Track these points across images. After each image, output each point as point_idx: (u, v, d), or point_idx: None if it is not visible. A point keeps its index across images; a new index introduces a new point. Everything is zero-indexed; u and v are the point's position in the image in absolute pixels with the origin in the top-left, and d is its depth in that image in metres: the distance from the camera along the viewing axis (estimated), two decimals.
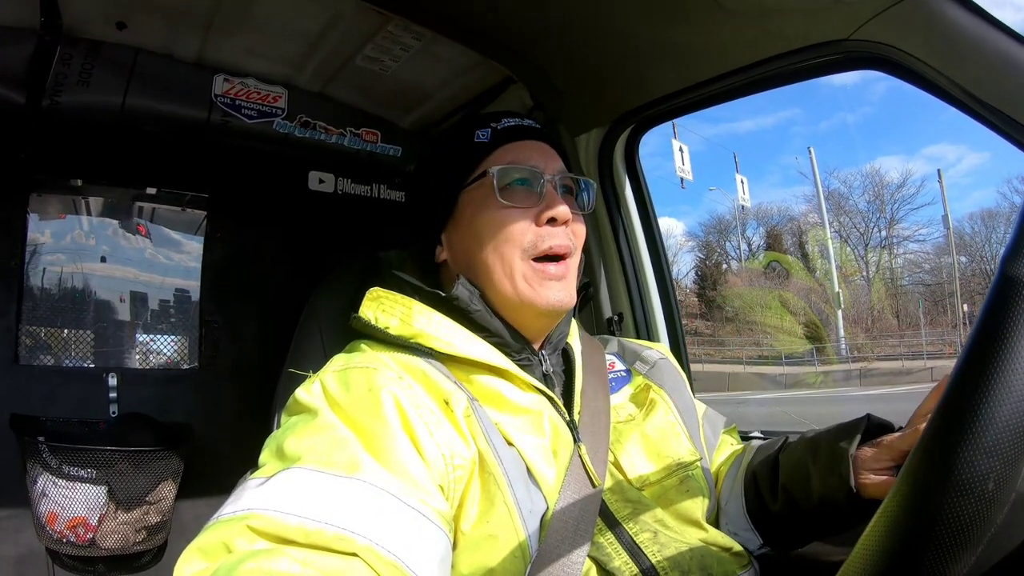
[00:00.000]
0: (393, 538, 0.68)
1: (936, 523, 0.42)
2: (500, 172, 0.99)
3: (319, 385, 0.86)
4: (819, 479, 0.96)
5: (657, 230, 1.83)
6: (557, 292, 0.97)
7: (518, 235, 0.97)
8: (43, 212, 1.85)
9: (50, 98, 1.69)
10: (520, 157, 1.01)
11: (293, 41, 1.72)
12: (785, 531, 1.04)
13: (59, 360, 1.84)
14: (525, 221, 0.97)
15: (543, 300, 0.96)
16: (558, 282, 0.98)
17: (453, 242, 1.05)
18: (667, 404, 1.09)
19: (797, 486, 1.00)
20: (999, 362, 0.43)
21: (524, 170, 1.00)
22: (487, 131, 1.04)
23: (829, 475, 0.94)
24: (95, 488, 1.65)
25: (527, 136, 1.05)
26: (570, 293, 1.00)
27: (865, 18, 1.10)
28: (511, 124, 1.05)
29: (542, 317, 0.99)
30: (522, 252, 0.96)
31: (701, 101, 1.55)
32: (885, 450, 0.91)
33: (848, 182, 37.04)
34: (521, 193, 0.99)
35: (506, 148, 1.02)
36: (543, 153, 1.03)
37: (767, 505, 1.04)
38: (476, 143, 1.04)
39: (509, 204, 0.97)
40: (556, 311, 0.98)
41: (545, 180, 0.99)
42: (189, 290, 2.04)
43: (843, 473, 0.92)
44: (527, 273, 0.96)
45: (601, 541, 0.88)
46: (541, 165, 1.01)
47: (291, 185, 2.10)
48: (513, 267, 0.96)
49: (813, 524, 1.00)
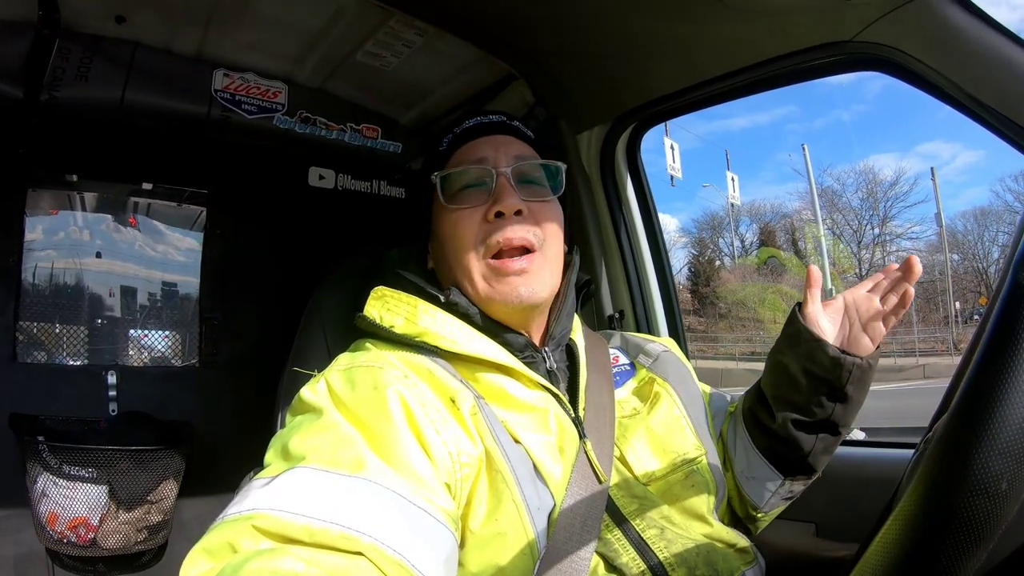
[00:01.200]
0: (398, 537, 0.68)
1: (952, 521, 0.44)
2: (443, 179, 1.00)
3: (324, 384, 0.85)
4: (792, 359, 1.02)
5: (658, 228, 1.83)
6: (519, 287, 0.96)
7: (470, 236, 0.97)
8: (40, 208, 1.84)
9: (48, 93, 1.68)
10: (469, 157, 1.01)
11: (294, 36, 1.71)
12: (796, 446, 1.04)
13: (57, 358, 1.83)
14: (475, 220, 0.97)
15: (503, 297, 0.96)
16: (519, 276, 0.96)
17: (433, 251, 1.07)
18: (672, 397, 1.10)
19: (782, 384, 1.04)
20: (1011, 366, 0.44)
21: (471, 169, 1.00)
22: (449, 137, 1.05)
23: (797, 346, 1.00)
24: (96, 488, 1.65)
25: (486, 132, 1.04)
26: (537, 287, 0.97)
27: (869, 20, 1.11)
28: (470, 124, 1.06)
29: (514, 313, 0.98)
30: (475, 252, 0.97)
31: (704, 100, 1.55)
32: (831, 308, 1.01)
33: (842, 179, 37.17)
34: (471, 194, 0.99)
35: (460, 152, 1.03)
36: (497, 146, 1.02)
37: (769, 428, 1.07)
38: (439, 152, 1.05)
39: (457, 207, 0.98)
40: (522, 306, 0.97)
41: (497, 174, 0.99)
42: (188, 287, 2.03)
43: (807, 336, 0.98)
44: (485, 272, 0.97)
45: (608, 537, 0.88)
46: (491, 158, 1.00)
47: (291, 181, 2.09)
48: (471, 268, 0.97)
49: (814, 416, 1.02)
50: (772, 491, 1.07)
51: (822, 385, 0.98)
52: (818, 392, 0.99)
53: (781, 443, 1.05)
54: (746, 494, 1.09)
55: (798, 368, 1.00)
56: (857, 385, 0.97)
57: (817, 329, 0.98)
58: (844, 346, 0.98)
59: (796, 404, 1.02)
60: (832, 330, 0.99)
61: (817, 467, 1.06)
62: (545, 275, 0.99)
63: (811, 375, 0.98)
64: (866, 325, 0.98)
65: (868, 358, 0.97)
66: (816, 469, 1.06)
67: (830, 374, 0.96)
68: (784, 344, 1.03)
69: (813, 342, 0.97)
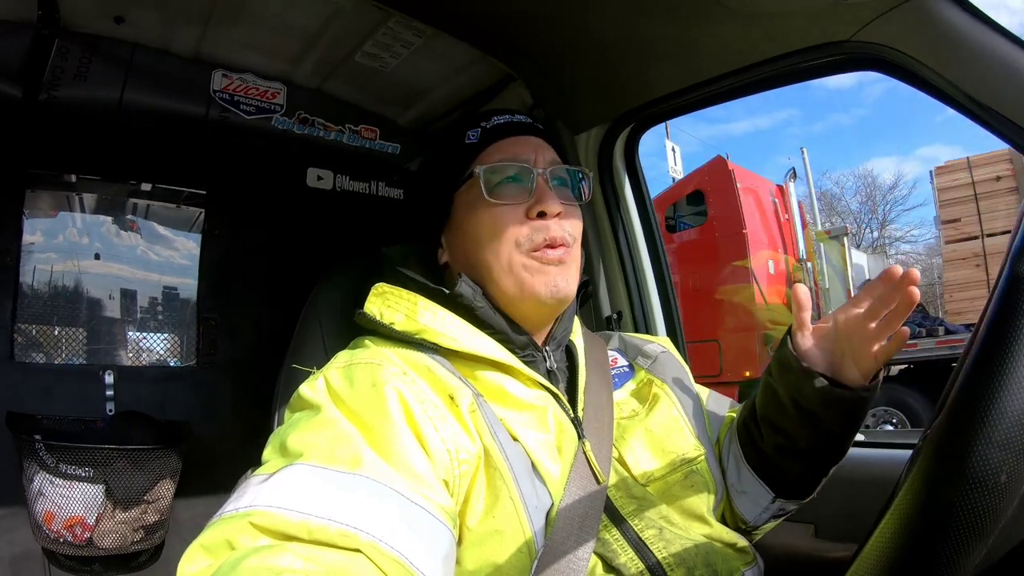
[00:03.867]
0: (397, 534, 0.68)
1: (950, 516, 0.43)
2: (487, 171, 0.99)
3: (323, 381, 0.85)
4: (780, 385, 0.98)
5: (657, 229, 1.83)
6: (556, 277, 0.97)
7: (512, 231, 0.97)
8: (38, 208, 1.83)
9: (47, 92, 1.67)
10: (509, 154, 1.01)
11: (292, 36, 1.71)
12: (785, 469, 1.03)
13: (54, 357, 1.83)
14: (517, 217, 0.97)
15: (543, 287, 0.96)
16: (557, 267, 0.97)
17: (452, 244, 1.05)
18: (670, 398, 1.10)
19: (771, 408, 1.01)
20: (1009, 357, 0.44)
21: (513, 166, 1.00)
22: (477, 131, 1.05)
23: (785, 374, 0.96)
24: (93, 487, 1.64)
25: (517, 132, 1.05)
26: (571, 280, 0.99)
27: (866, 20, 1.11)
28: (501, 122, 1.05)
29: (544, 307, 0.99)
30: (517, 247, 0.97)
31: (702, 100, 1.55)
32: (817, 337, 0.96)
33: (841, 183, 37.16)
34: (511, 190, 0.99)
35: (495, 146, 1.02)
36: (533, 147, 1.03)
37: (759, 446, 1.04)
38: (467, 144, 1.04)
39: (499, 202, 0.98)
40: (558, 299, 0.98)
41: (536, 174, 0.99)
42: (186, 287, 2.03)
43: (795, 365, 0.94)
44: (525, 263, 0.97)
45: (607, 537, 0.88)
46: (531, 159, 1.01)
47: (289, 182, 2.09)
48: (511, 260, 0.97)
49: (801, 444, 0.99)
50: (763, 507, 1.06)
51: (809, 415, 0.94)
52: (806, 422, 0.95)
53: (770, 463, 1.04)
54: (736, 508, 1.08)
55: (785, 395, 0.97)
56: (847, 419, 0.94)
57: (806, 359, 0.94)
58: (836, 374, 0.93)
59: (783, 430, 0.99)
60: (823, 358, 0.95)
61: (808, 491, 1.05)
62: (575, 269, 1.01)
63: (798, 405, 0.95)
64: (858, 355, 0.91)
65: (861, 390, 0.91)
66: (808, 493, 1.05)
67: (817, 407, 0.93)
68: (775, 368, 0.99)
69: (801, 373, 0.93)
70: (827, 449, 0.99)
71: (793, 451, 1.00)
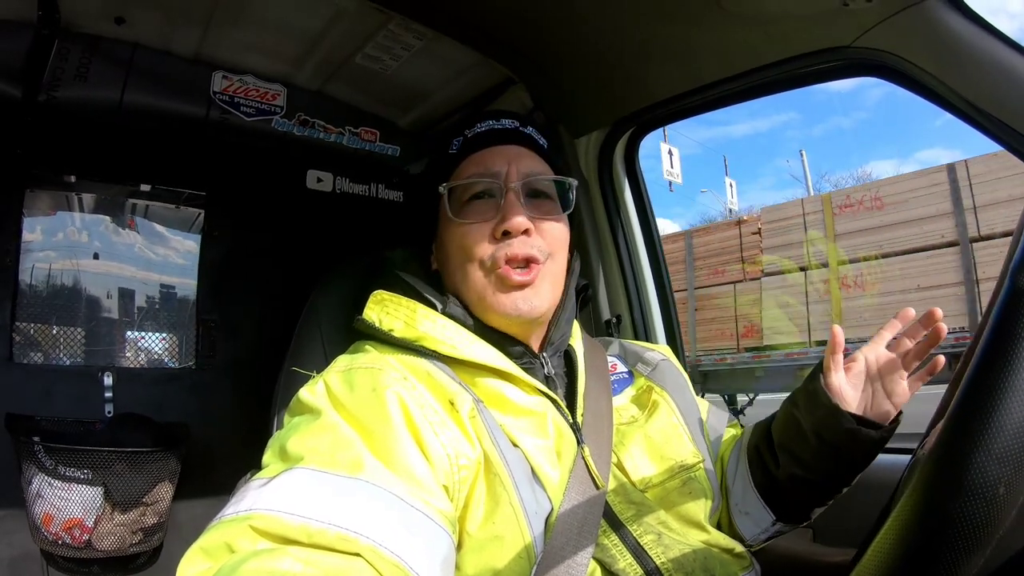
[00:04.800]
0: (396, 539, 0.68)
1: (949, 527, 0.44)
2: (451, 191, 0.99)
3: (323, 385, 0.85)
4: (807, 417, 0.97)
5: (656, 233, 1.83)
6: (518, 302, 0.95)
7: (477, 252, 0.96)
8: (37, 208, 1.83)
9: (47, 93, 1.67)
10: (481, 168, 1.00)
11: (293, 38, 1.71)
12: (793, 497, 1.03)
13: (53, 359, 1.82)
14: (483, 236, 0.96)
15: (503, 309, 0.95)
16: (520, 291, 0.95)
17: (437, 255, 1.06)
18: (670, 406, 1.09)
19: (791, 437, 1.00)
20: (1008, 371, 0.44)
21: (481, 182, 0.99)
22: (459, 140, 1.04)
23: (814, 409, 0.95)
24: (91, 489, 1.64)
25: (498, 140, 1.03)
26: (540, 300, 0.96)
27: (868, 25, 1.11)
28: (482, 130, 1.04)
29: (512, 325, 0.98)
30: (481, 267, 0.96)
31: (702, 104, 1.55)
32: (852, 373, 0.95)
33: (839, 185, 37.17)
34: (480, 207, 0.98)
35: (471, 159, 1.02)
36: (510, 157, 1.01)
37: (771, 471, 1.03)
38: (449, 155, 1.04)
39: (464, 221, 0.97)
40: (521, 320, 0.96)
41: (507, 188, 0.97)
42: (186, 289, 2.03)
43: (825, 401, 0.93)
44: (487, 285, 0.96)
45: (605, 543, 0.88)
46: (503, 171, 0.99)
47: (289, 184, 2.09)
48: (475, 281, 0.96)
49: (816, 476, 0.99)
50: (762, 528, 1.06)
51: (832, 449, 0.94)
52: (826, 455, 0.95)
53: (779, 489, 1.04)
54: (736, 526, 1.08)
55: (810, 428, 0.96)
56: (868, 455, 0.95)
57: (837, 397, 0.94)
58: (866, 411, 0.94)
59: (801, 460, 0.99)
60: (854, 396, 0.95)
61: (808, 517, 1.05)
62: (545, 288, 0.98)
63: (822, 439, 0.95)
64: (890, 388, 0.93)
65: (884, 430, 0.92)
66: (807, 519, 1.06)
67: (842, 443, 0.93)
68: (801, 399, 0.98)
69: (831, 410, 0.93)
70: (839, 482, 1.00)
71: (807, 481, 1.00)
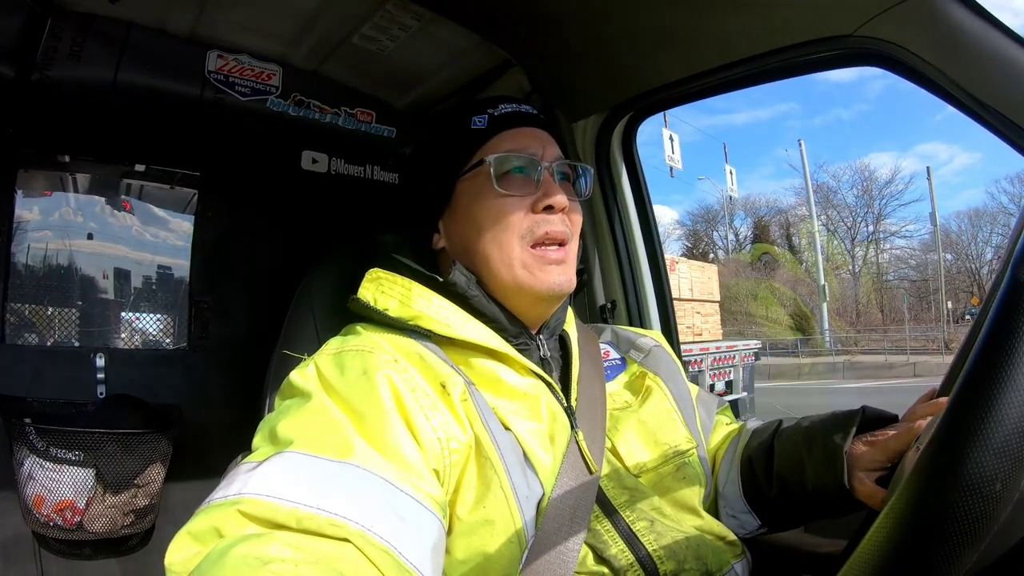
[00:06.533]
0: (385, 524, 0.67)
1: (945, 522, 0.43)
2: (497, 160, 0.98)
3: (313, 368, 0.85)
4: (813, 472, 0.98)
5: (652, 219, 1.83)
6: (557, 276, 0.97)
7: (516, 223, 0.96)
8: (30, 188, 1.82)
9: (40, 72, 1.64)
10: (518, 145, 1.00)
11: (289, 17, 1.68)
12: (780, 514, 1.06)
13: (45, 340, 1.82)
14: (522, 209, 0.97)
15: (543, 285, 0.96)
16: (558, 266, 0.97)
17: (450, 230, 1.04)
18: (663, 391, 1.10)
19: (791, 476, 1.01)
20: (1008, 365, 0.44)
21: (522, 158, 0.99)
22: (484, 117, 1.03)
23: (823, 469, 0.96)
24: (83, 471, 1.64)
25: (525, 123, 1.04)
26: (570, 277, 0.99)
27: (870, 15, 1.10)
28: (508, 110, 1.04)
29: (541, 302, 0.99)
30: (520, 240, 0.96)
31: (701, 91, 1.54)
32: (880, 450, 0.93)
33: (838, 176, 37.26)
34: (518, 181, 0.98)
35: (503, 135, 1.01)
36: (540, 140, 1.02)
37: (763, 490, 1.06)
38: (473, 130, 1.02)
39: (506, 192, 0.97)
40: (556, 295, 0.98)
41: (543, 167, 0.99)
42: (180, 269, 2.02)
43: (837, 470, 0.93)
44: (526, 260, 0.96)
45: (598, 528, 0.88)
46: (539, 152, 1.00)
47: (284, 164, 2.07)
48: (512, 255, 0.96)
49: (807, 510, 1.03)
50: (748, 531, 1.08)
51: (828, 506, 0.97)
52: (820, 505, 0.99)
53: (769, 505, 1.06)
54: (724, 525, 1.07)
55: (812, 483, 0.98)
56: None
57: (854, 456, 0.94)
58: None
59: (794, 496, 1.01)
60: (869, 462, 0.94)
61: (797, 527, 1.09)
62: (572, 268, 1.01)
63: (820, 495, 0.97)
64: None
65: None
66: (796, 527, 1.09)
67: (840, 507, 0.96)
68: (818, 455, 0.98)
69: (839, 483, 0.93)
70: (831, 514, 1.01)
71: (797, 507, 1.03)
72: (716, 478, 1.13)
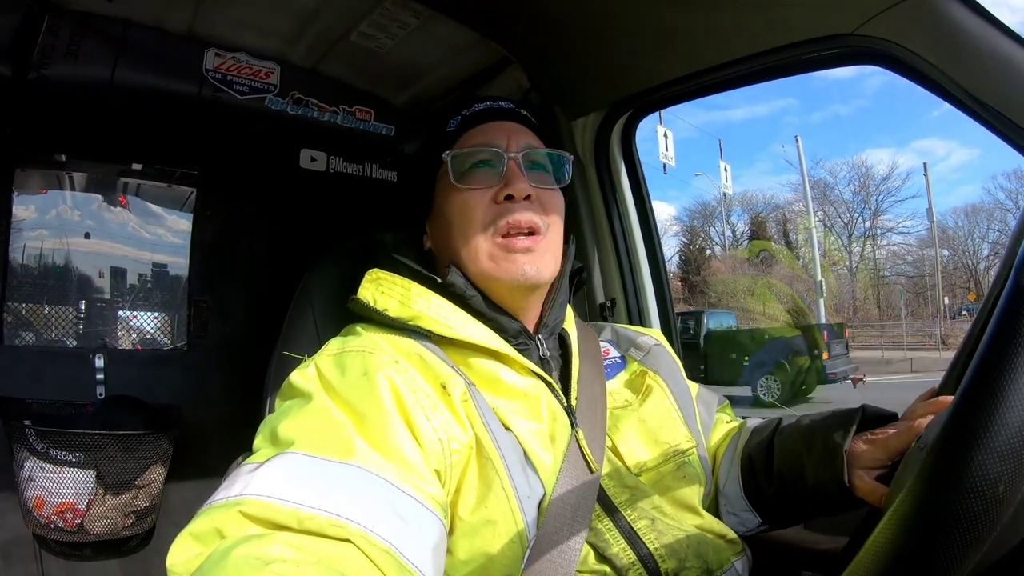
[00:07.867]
0: (387, 525, 0.67)
1: (947, 524, 0.43)
2: (454, 158, 0.99)
3: (314, 369, 0.85)
4: (813, 471, 0.98)
5: (652, 216, 1.82)
6: (524, 265, 0.95)
7: (479, 216, 0.96)
8: (27, 187, 1.81)
9: (37, 71, 1.64)
10: (481, 140, 1.00)
11: (287, 15, 1.68)
12: (781, 511, 1.07)
13: (44, 340, 1.81)
14: (485, 201, 0.97)
15: (507, 274, 0.95)
16: (524, 255, 0.95)
17: (433, 231, 1.05)
18: (663, 390, 1.10)
19: (791, 474, 1.01)
20: (1012, 367, 0.44)
21: (483, 151, 0.99)
22: (457, 119, 1.04)
23: (823, 468, 0.96)
24: (83, 472, 1.64)
25: (496, 117, 1.04)
26: (540, 267, 0.97)
27: (870, 14, 1.10)
28: (481, 108, 1.05)
29: (515, 292, 0.98)
30: (484, 232, 0.96)
31: (701, 89, 1.54)
32: (880, 448, 0.93)
33: (834, 172, 37.25)
34: (482, 175, 0.98)
35: (470, 133, 1.02)
36: (507, 131, 1.02)
37: (763, 489, 1.06)
38: (446, 132, 1.04)
39: (467, 187, 0.97)
40: (524, 285, 0.96)
41: (507, 158, 0.98)
42: (178, 268, 2.01)
43: (837, 468, 0.94)
44: (492, 251, 0.95)
45: (599, 527, 0.88)
46: (503, 144, 0.99)
47: (282, 163, 2.07)
48: (478, 247, 0.96)
49: (807, 508, 1.03)
50: (748, 528, 1.08)
51: (828, 504, 0.98)
52: (820, 504, 0.99)
53: (769, 504, 1.06)
54: (724, 523, 1.08)
55: (811, 481, 0.98)
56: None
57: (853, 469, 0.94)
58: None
59: (795, 495, 1.02)
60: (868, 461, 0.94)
61: (798, 523, 1.09)
62: (548, 258, 0.99)
63: (820, 493, 0.97)
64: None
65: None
66: (797, 524, 1.09)
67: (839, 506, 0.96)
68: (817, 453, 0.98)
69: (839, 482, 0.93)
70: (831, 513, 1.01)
71: (798, 507, 1.03)
72: (717, 476, 1.13)
